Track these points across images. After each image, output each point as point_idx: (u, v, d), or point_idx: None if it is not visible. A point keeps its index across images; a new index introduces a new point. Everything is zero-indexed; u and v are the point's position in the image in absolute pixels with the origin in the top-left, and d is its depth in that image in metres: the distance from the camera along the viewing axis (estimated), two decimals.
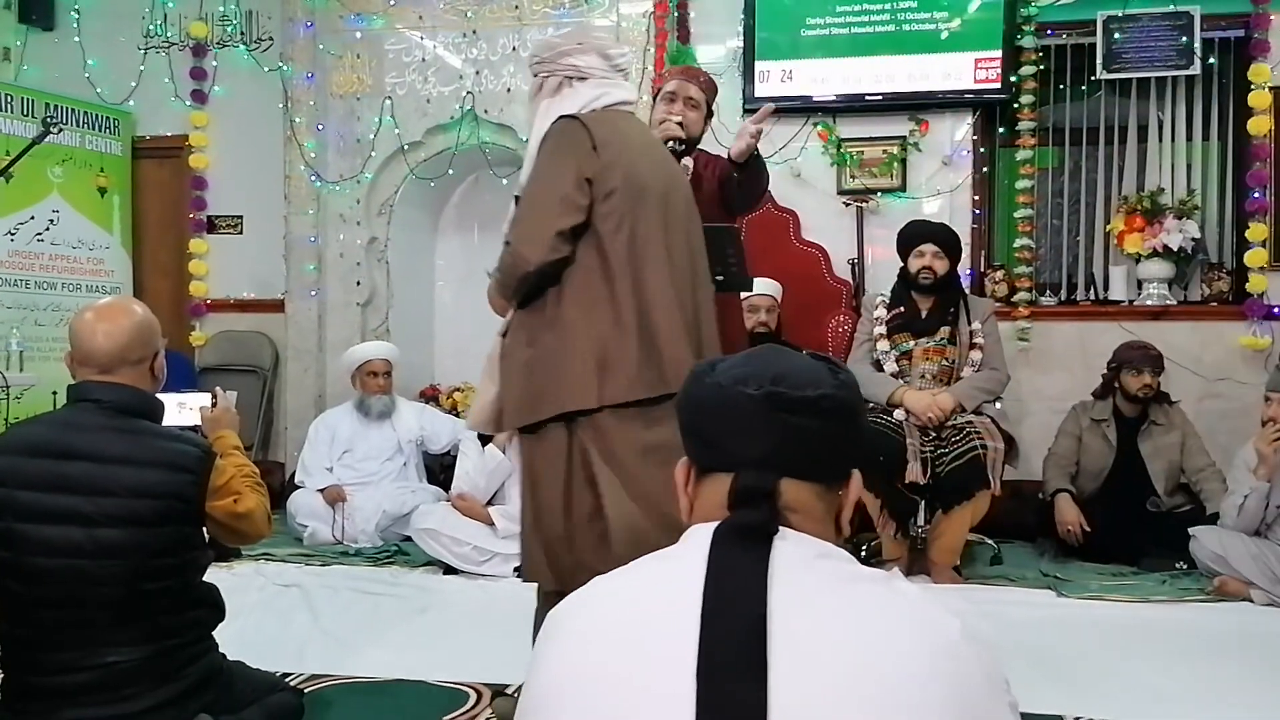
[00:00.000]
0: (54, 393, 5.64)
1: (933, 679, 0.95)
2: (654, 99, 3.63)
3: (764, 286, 4.65)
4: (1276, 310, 5.00)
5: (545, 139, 2.45)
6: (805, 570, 1.02)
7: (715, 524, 1.06)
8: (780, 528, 1.05)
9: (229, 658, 2.30)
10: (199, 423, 2.60)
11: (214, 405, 2.56)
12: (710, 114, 3.57)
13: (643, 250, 2.40)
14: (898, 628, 0.98)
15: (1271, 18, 5.02)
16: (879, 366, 4.39)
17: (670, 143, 3.24)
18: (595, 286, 2.38)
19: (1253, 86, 5.03)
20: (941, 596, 0.99)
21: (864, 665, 0.95)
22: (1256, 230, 5.02)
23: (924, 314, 4.41)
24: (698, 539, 1.06)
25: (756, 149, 3.25)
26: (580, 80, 2.51)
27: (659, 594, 1.04)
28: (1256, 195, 5.05)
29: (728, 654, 0.95)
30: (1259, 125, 5.01)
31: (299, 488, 5.02)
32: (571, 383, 2.33)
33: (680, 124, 3.31)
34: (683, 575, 1.02)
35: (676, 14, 5.41)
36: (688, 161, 3.49)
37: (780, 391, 1.07)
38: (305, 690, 2.76)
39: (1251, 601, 3.85)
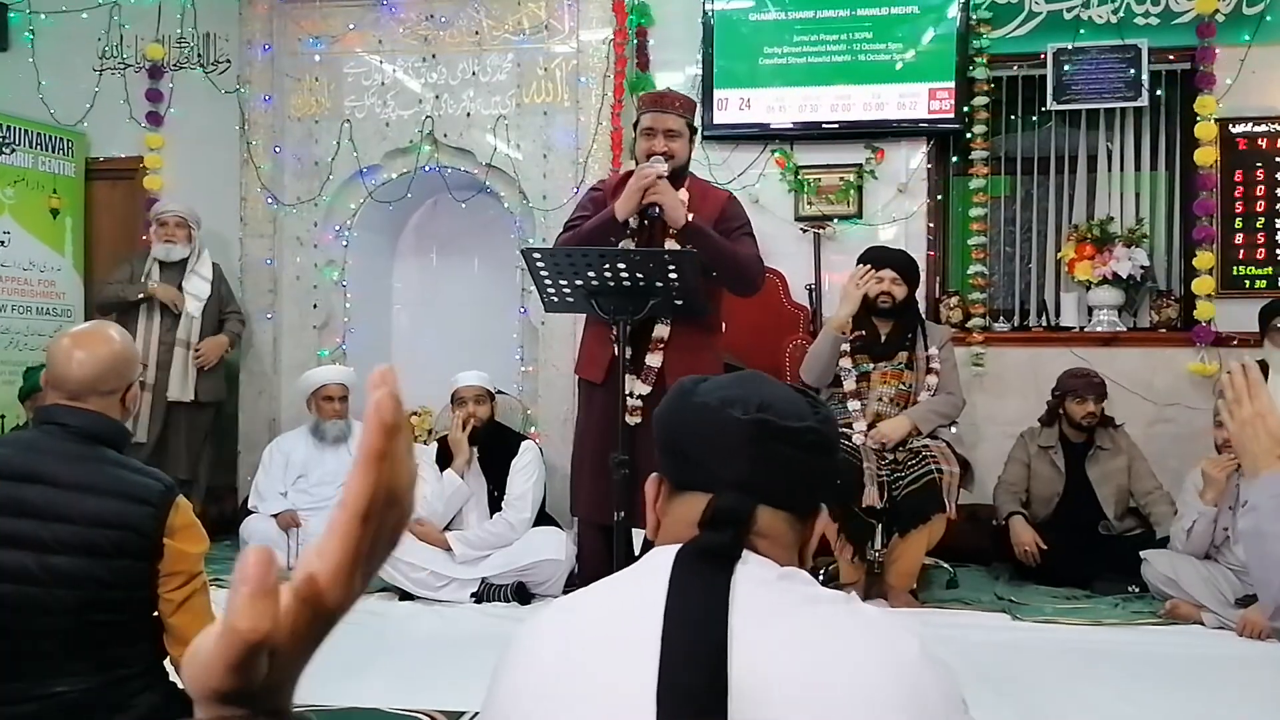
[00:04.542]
0: (1, 416, 5.56)
1: (892, 699, 0.96)
2: (634, 129, 3.67)
3: None
4: (1224, 336, 5.09)
5: None
6: (766, 591, 1.02)
7: (678, 546, 1.05)
8: (744, 551, 1.05)
9: (180, 687, 2.26)
10: None
11: None
12: (695, 130, 3.62)
13: None
14: (857, 649, 0.99)
15: (1217, 51, 5.14)
16: (837, 381, 4.42)
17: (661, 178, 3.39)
18: None
19: (1199, 118, 5.14)
20: (903, 621, 1.00)
21: (824, 687, 0.95)
22: (1204, 258, 5.12)
23: (883, 338, 4.46)
24: (660, 561, 1.05)
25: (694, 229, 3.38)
26: None
27: (620, 616, 1.04)
28: (1203, 224, 5.16)
29: (689, 678, 0.95)
30: (1205, 156, 5.12)
31: (252, 513, 4.95)
32: None
33: (668, 159, 3.45)
34: (644, 598, 1.01)
35: (636, 41, 5.45)
36: (683, 196, 3.52)
37: (767, 419, 1.08)
38: None
39: (1202, 624, 3.90)
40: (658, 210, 3.40)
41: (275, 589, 0.48)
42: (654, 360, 3.43)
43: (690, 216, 3.40)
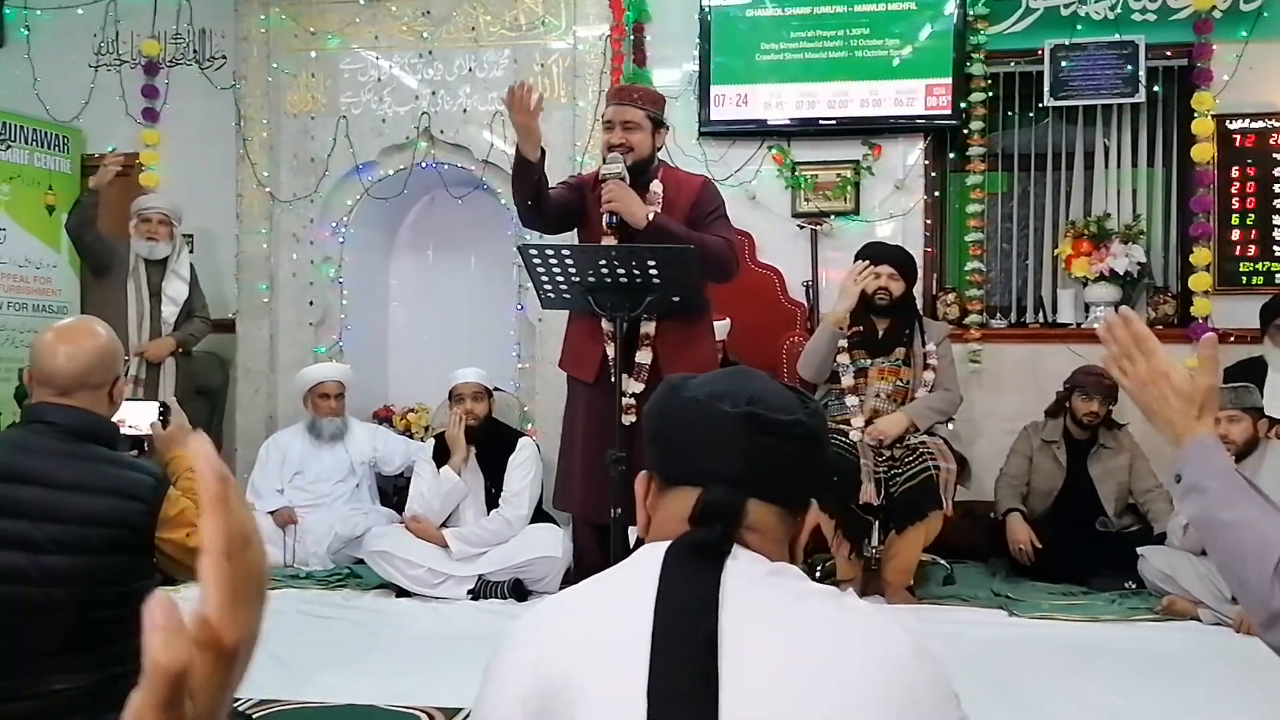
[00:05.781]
0: None
1: (884, 694, 0.95)
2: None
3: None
4: (1221, 334, 5.08)
5: None
6: (756, 587, 1.02)
7: (668, 542, 1.05)
8: (734, 546, 1.05)
9: None
10: (147, 432, 2.55)
11: (163, 419, 2.50)
12: (661, 125, 3.59)
13: None
14: (849, 643, 0.98)
15: (1214, 47, 5.14)
16: (835, 377, 4.41)
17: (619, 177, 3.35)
18: None
19: (1196, 114, 5.13)
20: (896, 616, 0.99)
21: (815, 682, 0.95)
22: (1200, 255, 5.12)
23: (880, 334, 4.45)
24: (649, 557, 1.05)
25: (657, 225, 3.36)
26: None
27: (609, 614, 1.04)
28: (1200, 220, 5.15)
29: (679, 675, 0.95)
30: (1202, 152, 5.11)
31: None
32: None
33: (625, 152, 3.43)
34: (633, 595, 1.01)
35: (633, 38, 5.44)
36: (656, 188, 3.51)
37: (756, 412, 1.08)
38: (254, 716, 2.72)
39: (1199, 620, 3.90)
40: (615, 218, 3.37)
41: (183, 624, 0.54)
42: (644, 357, 3.41)
43: (651, 215, 3.37)
